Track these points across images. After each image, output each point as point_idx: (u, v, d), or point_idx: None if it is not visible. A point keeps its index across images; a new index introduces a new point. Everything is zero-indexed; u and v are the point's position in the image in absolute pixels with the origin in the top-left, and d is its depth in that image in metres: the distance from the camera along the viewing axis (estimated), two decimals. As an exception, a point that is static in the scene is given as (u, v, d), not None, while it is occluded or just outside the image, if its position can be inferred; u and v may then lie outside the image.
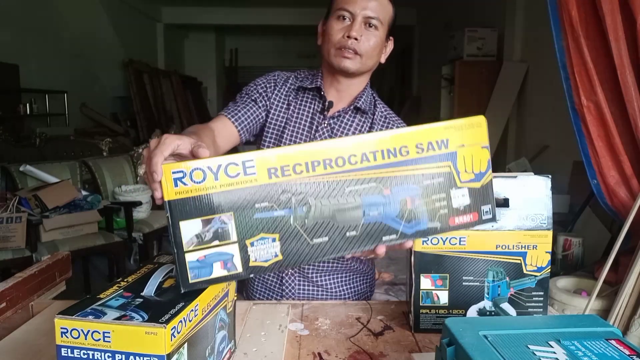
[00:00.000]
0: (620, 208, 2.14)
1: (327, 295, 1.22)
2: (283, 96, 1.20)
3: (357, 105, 1.16)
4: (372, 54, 1.11)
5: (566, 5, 2.01)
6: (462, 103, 4.75)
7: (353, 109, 1.17)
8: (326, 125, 1.16)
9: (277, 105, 1.19)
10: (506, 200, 0.92)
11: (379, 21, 1.09)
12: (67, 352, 0.59)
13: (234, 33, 10.44)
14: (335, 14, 1.10)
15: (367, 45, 1.09)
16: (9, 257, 2.67)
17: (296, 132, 1.17)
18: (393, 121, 1.20)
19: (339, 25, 1.09)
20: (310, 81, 1.19)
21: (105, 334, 0.58)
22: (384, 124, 1.19)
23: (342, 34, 1.08)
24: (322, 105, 1.17)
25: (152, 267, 0.75)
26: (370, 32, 1.09)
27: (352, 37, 1.07)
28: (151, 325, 0.57)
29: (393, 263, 4.09)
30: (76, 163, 3.48)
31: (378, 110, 1.20)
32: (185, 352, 0.62)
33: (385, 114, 1.21)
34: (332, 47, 1.10)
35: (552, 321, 0.69)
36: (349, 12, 1.08)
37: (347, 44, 1.08)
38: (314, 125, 1.16)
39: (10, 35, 4.68)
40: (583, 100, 2.07)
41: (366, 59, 1.11)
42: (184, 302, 0.63)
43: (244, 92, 1.21)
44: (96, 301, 0.63)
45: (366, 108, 1.17)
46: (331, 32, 1.10)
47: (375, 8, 1.09)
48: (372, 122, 1.19)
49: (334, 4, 1.12)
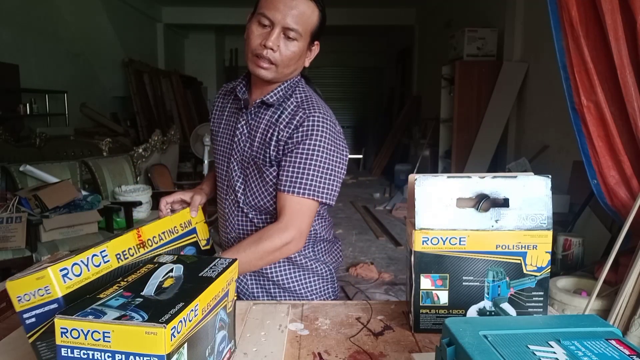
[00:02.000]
0: (620, 208, 2.14)
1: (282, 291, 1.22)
2: (220, 104, 1.28)
3: (264, 99, 1.13)
4: (288, 64, 1.09)
5: (566, 5, 2.01)
6: (462, 103, 4.75)
7: (261, 103, 1.14)
8: (244, 122, 1.17)
9: (216, 116, 1.28)
10: (506, 200, 0.92)
11: (298, 33, 1.06)
12: (67, 352, 0.59)
13: (234, 33, 10.43)
14: (257, 17, 1.07)
15: (283, 56, 1.06)
16: (9, 257, 2.67)
17: (224, 133, 1.23)
18: (305, 107, 1.11)
19: (258, 31, 1.06)
20: (237, 83, 1.21)
21: (105, 334, 0.58)
22: (293, 111, 1.11)
23: (259, 41, 1.06)
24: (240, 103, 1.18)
25: (152, 267, 0.75)
26: (289, 42, 1.06)
27: (269, 47, 1.04)
28: (151, 325, 0.57)
29: (393, 263, 4.09)
30: (76, 163, 3.49)
31: (292, 99, 1.13)
32: (185, 352, 0.62)
33: (299, 102, 1.12)
34: (249, 52, 1.09)
35: (552, 321, 0.69)
36: (268, 19, 1.04)
37: (263, 53, 1.06)
38: (235, 124, 1.19)
39: (10, 35, 4.68)
40: (583, 100, 2.07)
41: (282, 68, 1.08)
42: (184, 302, 0.63)
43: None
44: (96, 301, 0.63)
45: (274, 102, 1.13)
46: (250, 37, 1.08)
47: (296, 19, 1.05)
48: (281, 112, 1.13)
49: (259, 4, 1.09)
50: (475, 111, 4.68)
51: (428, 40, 7.74)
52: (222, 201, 1.24)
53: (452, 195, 0.92)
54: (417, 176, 0.94)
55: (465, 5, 5.86)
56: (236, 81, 1.23)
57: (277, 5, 1.04)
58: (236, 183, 1.18)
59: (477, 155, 4.61)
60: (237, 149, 1.17)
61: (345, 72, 11.20)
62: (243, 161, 1.17)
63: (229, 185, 1.20)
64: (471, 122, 4.70)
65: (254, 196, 1.17)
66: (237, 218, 1.21)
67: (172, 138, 4.95)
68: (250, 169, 1.16)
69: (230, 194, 1.20)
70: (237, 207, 1.20)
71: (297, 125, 1.09)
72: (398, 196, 6.49)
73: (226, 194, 1.22)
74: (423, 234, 0.92)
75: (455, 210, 0.92)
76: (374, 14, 8.16)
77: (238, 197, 1.19)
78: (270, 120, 1.14)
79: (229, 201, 1.21)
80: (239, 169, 1.18)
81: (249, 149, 1.15)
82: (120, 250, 0.80)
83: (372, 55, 10.69)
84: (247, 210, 1.19)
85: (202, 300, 0.67)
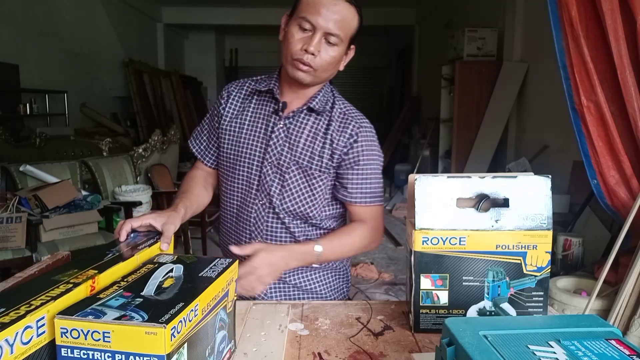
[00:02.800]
0: (620, 208, 2.14)
1: (303, 294, 1.22)
2: (238, 103, 1.21)
3: (310, 106, 1.15)
4: (327, 68, 1.10)
5: (566, 5, 2.01)
6: (462, 103, 4.75)
7: (307, 109, 1.16)
8: (282, 126, 1.15)
9: (230, 114, 1.21)
10: (506, 200, 0.92)
11: (339, 39, 1.07)
12: (67, 352, 0.59)
13: (234, 33, 10.44)
14: (297, 21, 1.06)
15: (323, 61, 1.07)
16: (9, 257, 2.67)
17: (253, 135, 1.17)
18: (350, 117, 1.17)
19: (299, 35, 1.06)
20: (265, 84, 1.18)
21: (105, 334, 0.58)
22: (343, 121, 1.16)
23: (300, 45, 1.06)
24: (276, 106, 1.16)
25: (152, 267, 0.75)
26: (329, 47, 1.07)
27: (310, 52, 1.05)
28: (151, 325, 0.57)
29: (393, 263, 4.09)
30: (76, 163, 3.48)
31: (336, 108, 1.18)
32: (185, 352, 0.62)
33: (345, 111, 1.18)
34: (289, 56, 1.08)
35: (552, 321, 0.69)
36: (310, 24, 1.04)
37: (303, 59, 1.06)
38: (269, 127, 1.16)
39: (10, 35, 4.68)
40: (583, 100, 2.07)
41: (321, 72, 1.10)
42: (184, 302, 0.63)
43: (209, 117, 1.27)
44: (96, 301, 0.63)
45: (320, 108, 1.16)
46: (290, 40, 1.07)
47: (338, 25, 1.05)
48: (330, 120, 1.16)
49: (298, 7, 1.08)
50: (475, 111, 4.67)
51: (428, 40, 7.73)
52: (246, 205, 1.19)
53: (452, 195, 0.92)
54: (417, 176, 0.94)
55: (465, 5, 5.85)
56: (255, 81, 1.22)
57: (320, 10, 1.03)
58: (270, 187, 1.16)
59: (477, 155, 4.61)
60: (273, 152, 1.15)
61: (345, 72, 11.10)
62: (281, 165, 1.15)
63: (261, 189, 1.17)
64: (471, 122, 4.70)
65: (294, 201, 1.16)
66: (268, 223, 1.18)
67: (172, 138, 4.95)
68: (290, 174, 1.15)
69: (261, 198, 1.17)
70: (270, 212, 1.17)
71: (354, 138, 1.15)
72: (398, 196, 6.50)
73: (254, 198, 1.18)
74: (423, 234, 0.92)
75: (455, 210, 0.92)
76: (374, 14, 8.15)
77: (273, 202, 1.16)
78: (316, 127, 1.15)
79: (257, 205, 1.18)
80: (274, 173, 1.15)
81: (288, 153, 1.14)
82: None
83: (372, 55, 10.68)
84: (283, 216, 1.17)
85: (202, 300, 0.67)
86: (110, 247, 0.85)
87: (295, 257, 1.11)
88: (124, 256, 0.80)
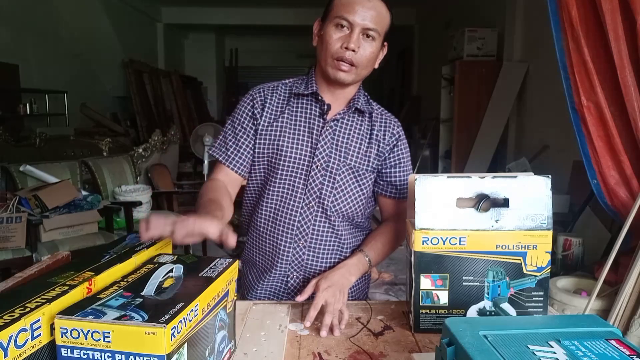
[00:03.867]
0: (620, 208, 2.14)
1: None
2: (276, 107, 1.18)
3: (357, 107, 1.17)
4: (367, 65, 1.12)
5: (566, 5, 2.01)
6: (462, 103, 4.75)
7: (353, 111, 1.18)
8: (328, 129, 1.15)
9: (269, 118, 1.17)
10: (506, 200, 0.92)
11: (377, 32, 1.09)
12: (67, 352, 0.59)
13: (234, 33, 10.43)
14: (334, 22, 1.08)
15: (363, 57, 1.09)
16: (9, 257, 2.67)
17: (297, 139, 1.15)
18: (388, 118, 1.22)
19: (337, 34, 1.08)
20: (304, 87, 1.17)
21: (105, 334, 0.58)
22: (384, 121, 1.21)
23: (340, 44, 1.07)
24: (321, 109, 1.16)
25: (152, 267, 0.75)
26: (368, 42, 1.09)
27: (351, 49, 1.06)
28: (151, 325, 0.57)
29: (393, 263, 4.09)
30: (76, 163, 3.48)
31: (375, 109, 1.21)
32: (185, 352, 0.62)
33: (381, 112, 1.22)
34: (328, 57, 1.09)
35: (552, 321, 0.69)
36: (347, 22, 1.06)
37: (345, 56, 1.07)
38: (314, 130, 1.15)
39: (10, 35, 4.68)
40: (583, 100, 2.07)
41: (361, 69, 1.11)
42: (184, 302, 0.63)
43: (234, 122, 1.19)
44: (96, 301, 0.63)
45: (364, 109, 1.18)
46: (329, 41, 1.08)
47: (375, 19, 1.07)
48: (372, 121, 1.19)
49: (332, 9, 1.10)
50: (475, 111, 4.67)
51: (428, 40, 7.73)
52: (289, 209, 1.15)
53: (452, 195, 0.93)
54: (417, 176, 0.94)
55: (465, 5, 5.85)
56: (289, 82, 1.21)
57: (355, 7, 1.06)
58: (321, 190, 1.14)
59: (477, 155, 4.61)
60: (322, 155, 1.14)
61: (345, 72, 11.15)
62: (331, 168, 1.15)
63: (310, 193, 1.14)
64: (471, 122, 4.70)
65: (346, 202, 1.16)
66: (315, 226, 1.16)
67: (172, 138, 4.95)
68: (340, 175, 1.15)
69: (309, 201, 1.15)
70: (319, 214, 1.15)
71: (396, 136, 1.20)
72: (398, 196, 6.47)
73: (300, 201, 1.15)
74: (423, 234, 0.92)
75: (455, 210, 0.92)
76: (374, 14, 8.14)
77: (325, 204, 1.15)
78: (363, 129, 1.18)
79: (303, 209, 1.15)
80: (323, 176, 1.14)
81: (337, 155, 1.15)
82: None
83: (372, 55, 10.67)
84: (334, 218, 1.16)
85: (202, 300, 0.67)
86: (109, 248, 0.84)
87: (352, 272, 1.12)
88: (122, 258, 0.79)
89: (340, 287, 1.04)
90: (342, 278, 1.07)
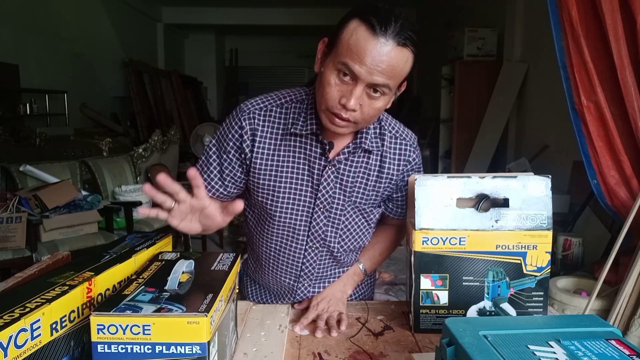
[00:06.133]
0: (620, 208, 2.14)
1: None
2: (267, 141, 1.01)
3: (364, 147, 1.01)
4: (370, 120, 0.94)
5: (566, 5, 2.01)
6: (462, 103, 4.75)
7: (362, 151, 1.03)
8: (331, 167, 1.01)
9: (261, 154, 1.01)
10: (506, 200, 0.92)
11: (388, 88, 0.87)
12: (103, 349, 0.60)
13: (234, 33, 10.43)
14: (336, 65, 0.86)
15: (366, 114, 0.90)
16: (9, 257, 2.67)
17: (296, 179, 1.02)
18: (403, 142, 1.06)
19: (337, 83, 0.87)
20: (302, 121, 0.99)
21: (145, 327, 0.59)
22: (396, 148, 1.06)
23: (337, 98, 0.87)
24: (322, 148, 1.00)
25: (160, 264, 0.76)
26: (374, 99, 0.88)
27: (349, 108, 0.86)
28: (193, 315, 0.59)
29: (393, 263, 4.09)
30: (76, 163, 3.49)
31: (387, 136, 1.05)
32: (216, 340, 0.66)
33: (394, 134, 1.06)
34: (323, 105, 0.90)
35: (552, 321, 0.69)
36: (352, 73, 0.85)
37: (341, 114, 0.88)
38: (315, 170, 1.01)
39: (10, 35, 4.68)
40: (583, 100, 2.07)
41: (363, 124, 0.93)
42: (213, 293, 0.66)
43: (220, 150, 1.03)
44: (123, 297, 0.64)
45: (372, 147, 1.02)
46: (326, 89, 0.88)
47: (388, 73, 0.85)
48: (382, 155, 1.05)
49: (338, 46, 0.87)
50: (475, 111, 4.67)
51: (428, 40, 7.73)
52: (290, 249, 1.08)
53: (452, 195, 0.93)
54: (417, 176, 0.94)
55: (465, 5, 5.85)
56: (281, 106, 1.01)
57: (364, 58, 0.83)
58: (325, 233, 1.06)
59: (477, 155, 4.61)
60: (325, 197, 1.03)
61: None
62: (335, 209, 1.04)
63: (314, 236, 1.06)
64: (471, 122, 4.70)
65: (352, 239, 1.10)
66: (321, 263, 1.10)
67: (172, 138, 4.95)
68: (345, 215, 1.06)
69: (315, 244, 1.07)
70: (324, 253, 1.09)
71: (408, 160, 1.07)
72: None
73: (302, 242, 1.07)
74: (423, 234, 0.92)
75: (455, 210, 0.92)
76: (374, 14, 8.13)
77: (331, 246, 1.08)
78: (371, 164, 1.04)
79: (306, 250, 1.08)
80: (327, 218, 1.05)
81: (343, 195, 1.04)
82: (59, 316, 0.63)
83: (372, 55, 10.67)
84: (340, 255, 1.10)
85: (224, 291, 0.70)
86: (109, 248, 0.85)
87: (347, 283, 1.12)
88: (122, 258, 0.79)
89: (332, 298, 1.07)
90: (337, 292, 1.09)
